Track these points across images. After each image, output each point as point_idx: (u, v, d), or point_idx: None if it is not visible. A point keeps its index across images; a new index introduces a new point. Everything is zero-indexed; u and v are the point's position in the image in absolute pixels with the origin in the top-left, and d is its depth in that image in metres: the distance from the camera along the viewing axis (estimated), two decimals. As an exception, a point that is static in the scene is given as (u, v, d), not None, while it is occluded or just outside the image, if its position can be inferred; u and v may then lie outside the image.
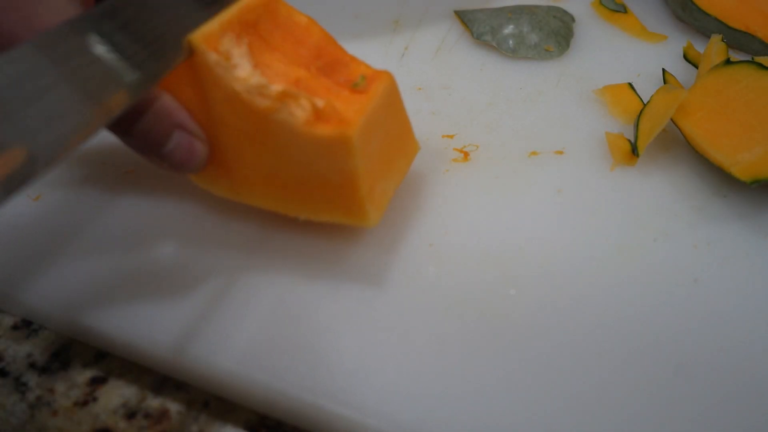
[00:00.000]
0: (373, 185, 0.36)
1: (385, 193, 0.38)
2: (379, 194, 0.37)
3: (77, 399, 0.36)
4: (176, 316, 0.37)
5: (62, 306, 0.38)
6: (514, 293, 0.38)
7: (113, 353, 0.38)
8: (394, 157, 0.39)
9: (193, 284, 0.38)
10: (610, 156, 0.45)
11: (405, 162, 0.40)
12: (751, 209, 0.42)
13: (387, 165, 0.38)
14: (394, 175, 0.39)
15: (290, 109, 0.34)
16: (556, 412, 0.33)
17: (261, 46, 0.36)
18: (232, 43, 0.35)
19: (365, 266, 0.39)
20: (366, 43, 0.54)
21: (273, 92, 0.34)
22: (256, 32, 0.36)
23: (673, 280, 0.38)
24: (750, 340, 0.36)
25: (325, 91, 0.36)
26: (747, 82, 0.44)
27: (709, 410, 0.33)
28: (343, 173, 0.35)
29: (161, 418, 0.36)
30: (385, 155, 0.37)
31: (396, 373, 0.34)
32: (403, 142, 0.39)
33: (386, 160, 0.38)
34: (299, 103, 0.34)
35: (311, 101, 0.34)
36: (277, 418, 0.35)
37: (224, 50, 0.34)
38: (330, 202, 0.37)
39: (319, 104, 0.34)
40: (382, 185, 0.37)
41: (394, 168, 0.39)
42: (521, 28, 0.53)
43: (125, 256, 0.40)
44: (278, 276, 0.38)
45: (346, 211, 0.37)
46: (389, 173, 0.38)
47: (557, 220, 0.41)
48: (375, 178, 0.37)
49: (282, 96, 0.34)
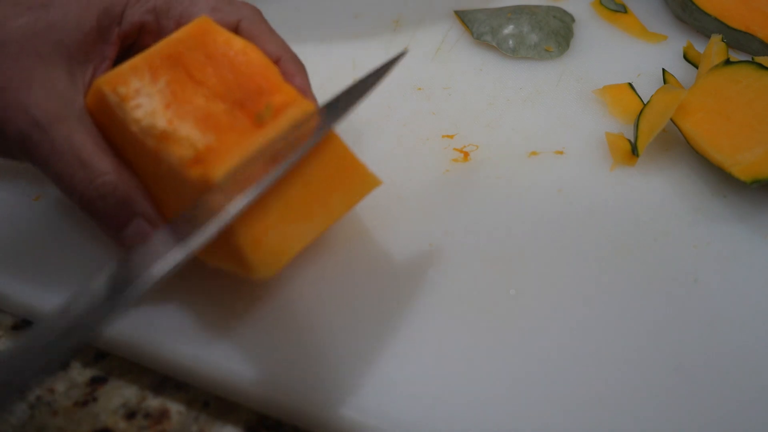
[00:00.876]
0: (263, 232, 0.33)
1: (290, 239, 0.34)
2: (277, 241, 0.33)
3: (77, 399, 0.36)
4: (176, 316, 0.37)
5: (62, 306, 0.37)
6: (514, 293, 0.38)
7: (113, 353, 0.38)
8: (317, 195, 0.35)
9: (193, 284, 0.38)
10: (610, 156, 0.45)
11: (341, 200, 0.35)
12: (751, 209, 0.42)
13: (300, 205, 0.34)
14: (315, 216, 0.34)
15: (171, 150, 0.34)
16: (556, 412, 0.33)
17: (184, 81, 0.36)
18: (144, 81, 0.35)
19: (364, 266, 0.39)
20: (366, 43, 0.54)
21: (157, 132, 0.34)
22: (181, 66, 0.36)
23: (673, 280, 0.38)
24: (750, 340, 0.36)
25: (229, 125, 0.35)
26: (747, 82, 0.44)
27: (709, 410, 0.33)
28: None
29: (161, 418, 0.36)
30: (295, 195, 0.34)
31: (396, 373, 0.34)
32: (339, 179, 0.35)
33: (299, 201, 0.34)
34: (180, 144, 0.34)
35: (192, 142, 0.34)
36: (277, 418, 0.35)
37: (124, 92, 0.35)
38: (222, 248, 0.34)
39: (201, 144, 0.34)
40: (285, 230, 0.33)
41: (315, 209, 0.35)
42: (521, 28, 0.53)
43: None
44: (277, 277, 0.38)
45: (234, 259, 0.34)
46: (303, 215, 0.34)
47: (557, 220, 0.41)
48: (270, 224, 0.33)
49: (162, 137, 0.34)
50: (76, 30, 0.37)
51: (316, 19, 0.56)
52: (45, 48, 0.36)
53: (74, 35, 0.37)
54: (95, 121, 0.36)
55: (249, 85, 0.36)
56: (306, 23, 0.56)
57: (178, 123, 0.34)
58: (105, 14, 0.38)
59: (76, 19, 0.37)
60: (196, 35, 0.37)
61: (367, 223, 0.41)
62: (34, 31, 0.36)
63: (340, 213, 0.36)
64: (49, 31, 0.36)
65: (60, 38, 0.36)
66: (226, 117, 0.35)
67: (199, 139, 0.34)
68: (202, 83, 0.36)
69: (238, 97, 0.36)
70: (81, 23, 0.37)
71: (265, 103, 0.35)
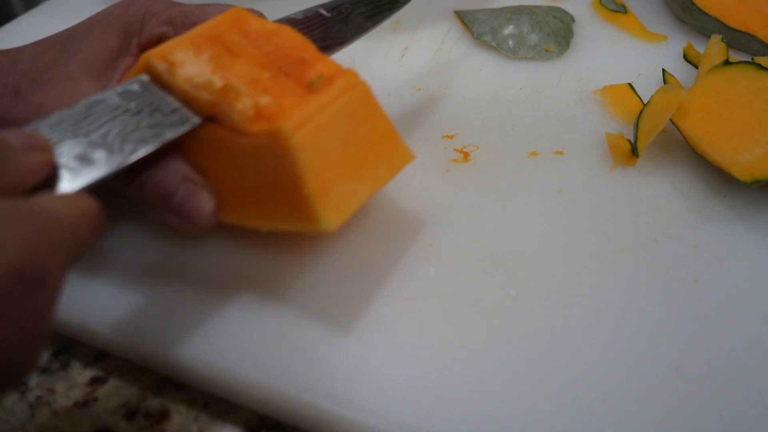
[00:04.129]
0: (328, 185, 0.35)
1: (349, 197, 0.36)
2: (338, 196, 0.35)
3: (77, 399, 0.36)
4: (176, 316, 0.37)
5: (62, 306, 0.37)
6: (514, 293, 0.38)
7: (113, 353, 0.38)
8: (366, 160, 0.37)
9: (193, 285, 0.38)
10: (610, 156, 0.45)
11: (387, 169, 0.38)
12: (751, 209, 0.42)
13: (353, 168, 0.36)
14: (366, 179, 0.37)
15: (232, 105, 0.34)
16: (556, 412, 0.33)
17: (225, 55, 0.37)
18: (189, 54, 0.37)
19: (364, 266, 0.39)
20: (366, 43, 0.54)
21: (216, 87, 0.35)
22: (221, 44, 0.38)
23: (673, 280, 0.38)
24: (750, 340, 0.36)
25: (280, 90, 0.36)
26: (746, 82, 0.44)
27: (709, 410, 0.33)
28: (286, 171, 0.34)
29: (161, 418, 0.36)
30: (350, 157, 0.36)
31: (396, 373, 0.34)
32: (383, 148, 0.38)
33: (352, 163, 0.36)
34: (241, 99, 0.35)
35: (253, 98, 0.35)
36: (276, 418, 0.35)
37: (173, 59, 0.36)
38: (283, 205, 0.35)
39: (263, 102, 0.35)
40: (345, 187, 0.35)
41: (366, 172, 0.37)
42: (521, 28, 0.53)
43: (125, 256, 0.40)
44: (278, 276, 0.38)
45: (298, 214, 0.35)
46: (357, 177, 0.36)
47: (557, 221, 0.41)
48: (332, 179, 0.35)
49: (224, 91, 0.35)
50: (101, 51, 0.40)
51: (316, 19, 0.56)
52: (75, 70, 0.39)
53: (99, 54, 0.40)
54: None
55: (290, 57, 0.37)
56: (306, 23, 0.56)
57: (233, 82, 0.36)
58: (125, 32, 0.40)
59: (99, 43, 0.40)
60: (231, 20, 0.39)
61: (366, 223, 0.41)
62: (64, 59, 0.39)
63: (385, 179, 0.38)
64: (75, 56, 0.39)
65: (87, 57, 0.39)
66: (276, 84, 0.36)
67: (260, 98, 0.35)
68: (241, 56, 0.37)
69: (282, 66, 0.37)
70: (104, 44, 0.40)
71: (316, 72, 0.36)
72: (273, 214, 0.36)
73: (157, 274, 0.39)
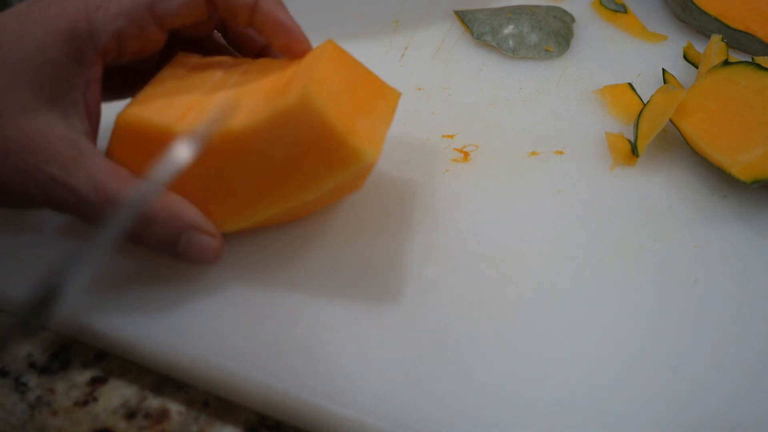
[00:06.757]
0: (352, 124, 0.36)
1: (373, 130, 0.37)
2: (366, 131, 0.37)
3: (77, 399, 0.36)
4: (176, 316, 0.37)
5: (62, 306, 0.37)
6: (514, 293, 0.38)
7: (113, 353, 0.38)
8: (367, 100, 0.38)
9: (193, 285, 0.38)
10: (610, 156, 0.45)
11: (385, 105, 0.40)
12: (751, 209, 0.42)
13: (360, 107, 0.37)
14: (374, 115, 0.38)
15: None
16: (556, 412, 0.33)
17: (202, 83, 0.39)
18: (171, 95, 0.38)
19: (365, 266, 0.39)
20: (366, 43, 0.54)
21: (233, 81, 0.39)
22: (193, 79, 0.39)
23: (673, 280, 0.38)
24: (750, 340, 0.36)
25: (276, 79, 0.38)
26: (746, 82, 0.44)
27: (709, 410, 0.33)
28: (312, 125, 0.35)
29: (161, 418, 0.36)
30: (354, 99, 0.37)
31: (396, 373, 0.34)
32: (373, 88, 0.40)
33: (358, 103, 0.37)
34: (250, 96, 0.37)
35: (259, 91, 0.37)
36: (277, 418, 0.35)
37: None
38: (319, 162, 0.36)
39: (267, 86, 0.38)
40: (365, 123, 0.37)
41: (371, 110, 0.38)
42: (521, 28, 0.53)
43: (125, 256, 0.40)
44: (278, 276, 0.38)
45: (337, 160, 0.36)
46: (368, 114, 0.38)
47: (557, 220, 0.41)
48: (351, 119, 0.36)
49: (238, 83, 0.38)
50: (45, 63, 0.34)
51: (317, 19, 0.56)
52: (24, 97, 0.33)
53: (46, 69, 0.34)
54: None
55: (269, 66, 0.40)
56: (306, 23, 0.56)
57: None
58: (70, 37, 0.34)
59: (39, 52, 0.34)
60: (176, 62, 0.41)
61: (366, 223, 0.41)
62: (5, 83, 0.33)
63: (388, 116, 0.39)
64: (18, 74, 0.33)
65: (33, 78, 0.34)
66: (274, 78, 0.38)
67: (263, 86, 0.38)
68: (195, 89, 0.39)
69: (249, 72, 0.39)
70: (47, 54, 0.34)
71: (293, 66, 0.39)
72: (314, 176, 0.36)
73: (158, 275, 0.39)
